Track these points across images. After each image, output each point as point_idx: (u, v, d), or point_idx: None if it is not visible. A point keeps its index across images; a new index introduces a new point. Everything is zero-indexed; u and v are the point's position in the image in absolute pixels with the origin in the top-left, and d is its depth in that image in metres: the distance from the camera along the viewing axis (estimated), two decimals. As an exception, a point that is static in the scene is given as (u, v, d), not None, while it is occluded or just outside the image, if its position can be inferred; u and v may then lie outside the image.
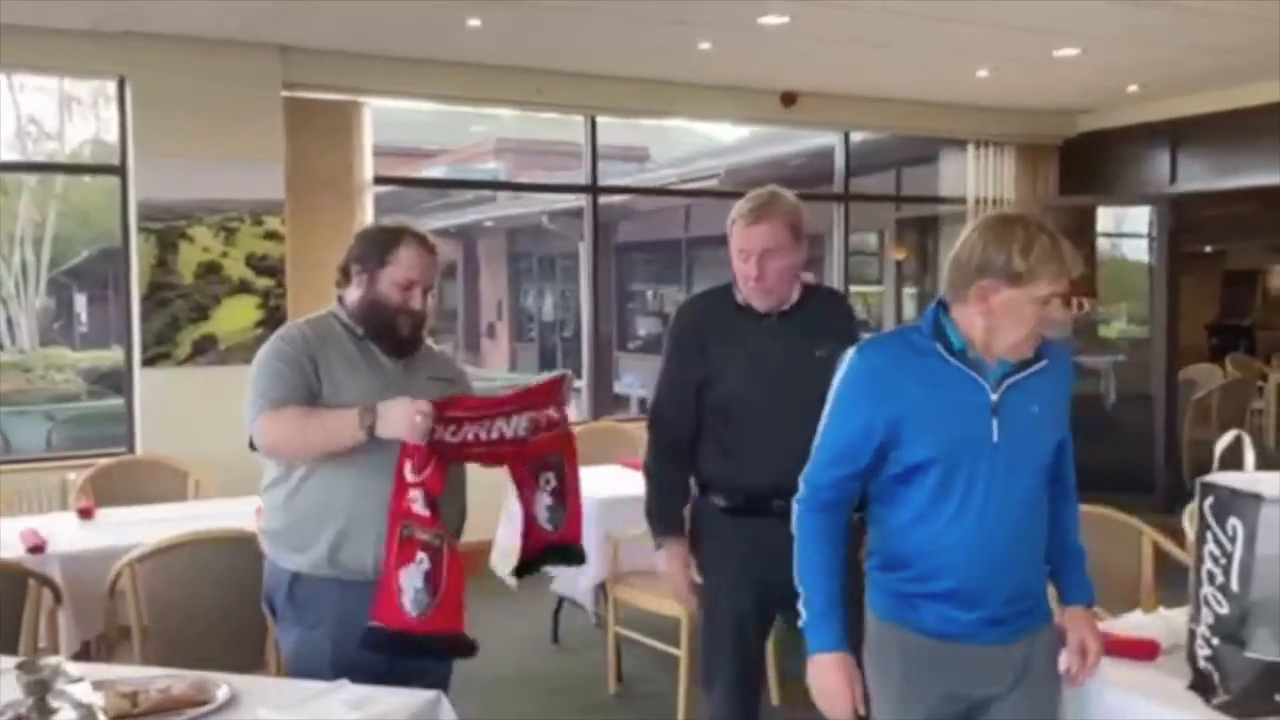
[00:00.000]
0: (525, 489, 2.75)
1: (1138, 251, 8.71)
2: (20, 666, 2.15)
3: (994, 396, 2.11)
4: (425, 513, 2.47)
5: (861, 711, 2.20)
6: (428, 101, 6.71)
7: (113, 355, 10.13)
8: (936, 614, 2.15)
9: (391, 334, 2.64)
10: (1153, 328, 8.14)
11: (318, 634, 2.54)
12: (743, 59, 6.35)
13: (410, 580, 2.45)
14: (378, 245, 2.65)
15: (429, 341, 2.80)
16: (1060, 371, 2.22)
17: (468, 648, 2.54)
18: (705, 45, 5.94)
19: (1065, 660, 2.26)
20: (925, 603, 2.16)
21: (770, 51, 6.14)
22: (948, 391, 2.11)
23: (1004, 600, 2.16)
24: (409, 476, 2.48)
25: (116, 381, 7.97)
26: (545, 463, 2.73)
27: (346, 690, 2.20)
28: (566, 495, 2.77)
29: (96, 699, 2.16)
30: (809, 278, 3.04)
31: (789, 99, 7.25)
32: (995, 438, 2.10)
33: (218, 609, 3.33)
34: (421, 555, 2.46)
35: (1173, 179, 7.87)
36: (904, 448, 2.12)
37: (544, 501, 2.75)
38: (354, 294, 2.67)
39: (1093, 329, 8.72)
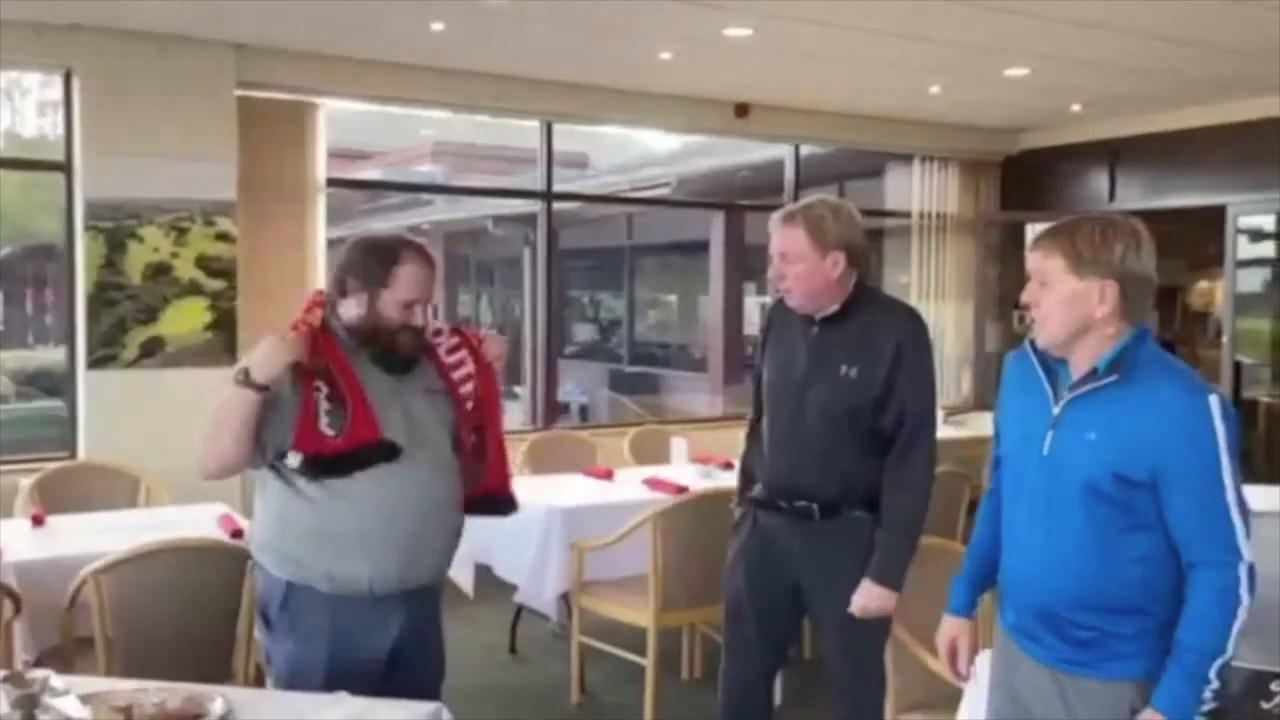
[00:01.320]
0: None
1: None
2: (8, 680, 2.08)
3: (1055, 410, 2.13)
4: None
5: (963, 669, 2.43)
6: (384, 104, 6.62)
7: (39, 355, 9.81)
8: (1004, 608, 2.29)
9: (394, 352, 2.58)
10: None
11: (312, 646, 2.49)
12: (701, 70, 6.38)
13: (319, 404, 2.46)
14: (378, 263, 2.57)
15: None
16: (1156, 411, 2.00)
17: (391, 449, 2.51)
18: (666, 55, 5.96)
19: None
20: (1001, 596, 2.31)
21: (729, 63, 6.18)
22: (1028, 397, 2.21)
23: (1034, 616, 2.17)
24: None
25: (47, 383, 7.72)
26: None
27: (346, 703, 2.16)
28: (488, 447, 2.75)
29: (85, 714, 2.10)
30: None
31: (742, 110, 7.31)
32: (1045, 450, 2.13)
33: (184, 621, 3.24)
34: (315, 383, 2.45)
35: (1111, 197, 8.08)
36: (999, 441, 2.33)
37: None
38: (352, 310, 2.58)
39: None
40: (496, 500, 2.81)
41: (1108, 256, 2.05)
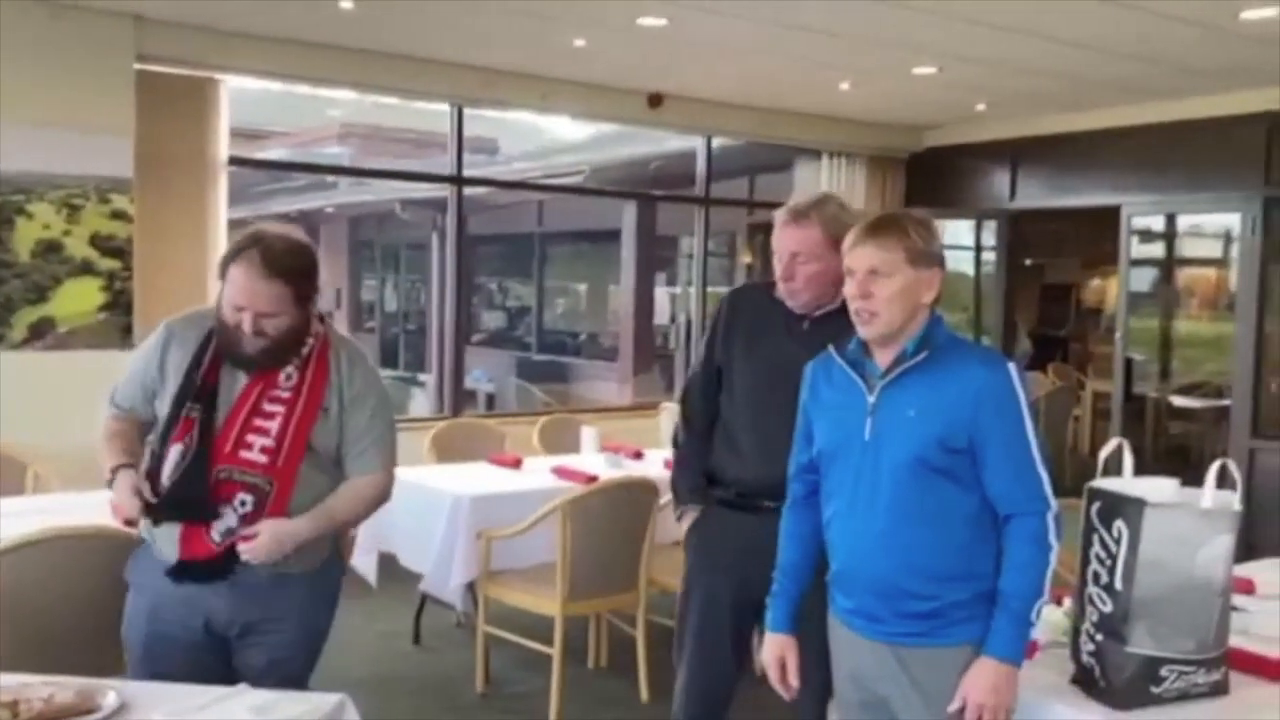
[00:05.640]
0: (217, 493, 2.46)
1: (962, 263, 9.11)
2: (-118, 676, 1.98)
3: (871, 398, 2.28)
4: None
5: (794, 683, 2.46)
6: (290, 83, 6.44)
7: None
8: (835, 596, 2.40)
9: (235, 352, 2.47)
10: (990, 336, 8.58)
11: (139, 600, 2.58)
12: (615, 58, 6.36)
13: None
14: (226, 256, 2.47)
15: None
16: (965, 382, 2.22)
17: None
18: (580, 42, 5.92)
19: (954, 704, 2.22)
20: (832, 585, 2.40)
21: (642, 52, 6.17)
22: (839, 394, 2.35)
23: (873, 594, 2.29)
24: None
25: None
26: (249, 483, 2.45)
27: (248, 695, 2.11)
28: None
29: (-33, 709, 2.01)
30: None
31: (656, 100, 7.31)
32: (866, 436, 2.26)
33: (75, 612, 3.11)
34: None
35: (1012, 195, 8.29)
36: (814, 440, 2.42)
37: (227, 521, 2.45)
38: None
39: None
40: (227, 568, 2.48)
41: (935, 247, 2.28)
